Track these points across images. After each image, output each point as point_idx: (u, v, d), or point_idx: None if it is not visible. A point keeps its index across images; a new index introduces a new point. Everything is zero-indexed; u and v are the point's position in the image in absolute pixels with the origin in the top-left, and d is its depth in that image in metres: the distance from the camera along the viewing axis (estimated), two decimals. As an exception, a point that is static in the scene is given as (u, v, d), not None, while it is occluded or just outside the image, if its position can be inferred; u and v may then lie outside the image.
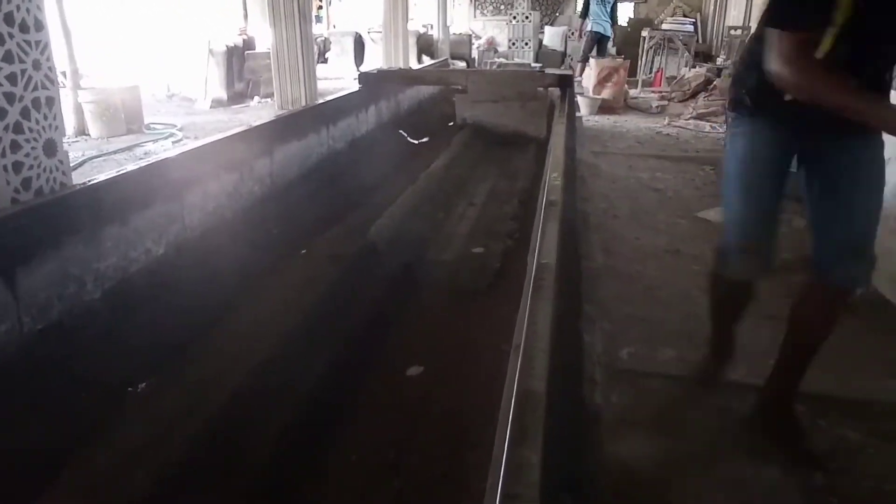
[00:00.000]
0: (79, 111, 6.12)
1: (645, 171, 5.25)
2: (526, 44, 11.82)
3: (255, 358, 1.61)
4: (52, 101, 2.21)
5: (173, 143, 5.81)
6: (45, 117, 2.20)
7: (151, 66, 9.03)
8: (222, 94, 8.44)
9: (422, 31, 10.70)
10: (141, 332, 1.72)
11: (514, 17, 11.88)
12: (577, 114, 3.97)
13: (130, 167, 2.03)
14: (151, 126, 6.51)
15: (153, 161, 2.12)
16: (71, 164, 5.02)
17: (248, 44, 8.86)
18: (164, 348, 1.65)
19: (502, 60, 10.80)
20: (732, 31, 10.75)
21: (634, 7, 13.33)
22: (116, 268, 1.85)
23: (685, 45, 11.03)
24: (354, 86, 4.62)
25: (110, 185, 1.94)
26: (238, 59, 8.73)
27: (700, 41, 11.80)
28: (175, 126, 6.55)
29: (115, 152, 5.40)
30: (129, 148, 5.56)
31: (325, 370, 1.60)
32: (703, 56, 11.27)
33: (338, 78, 9.18)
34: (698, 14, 12.62)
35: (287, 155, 2.83)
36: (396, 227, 2.29)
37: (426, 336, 1.76)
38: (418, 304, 1.95)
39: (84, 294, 1.77)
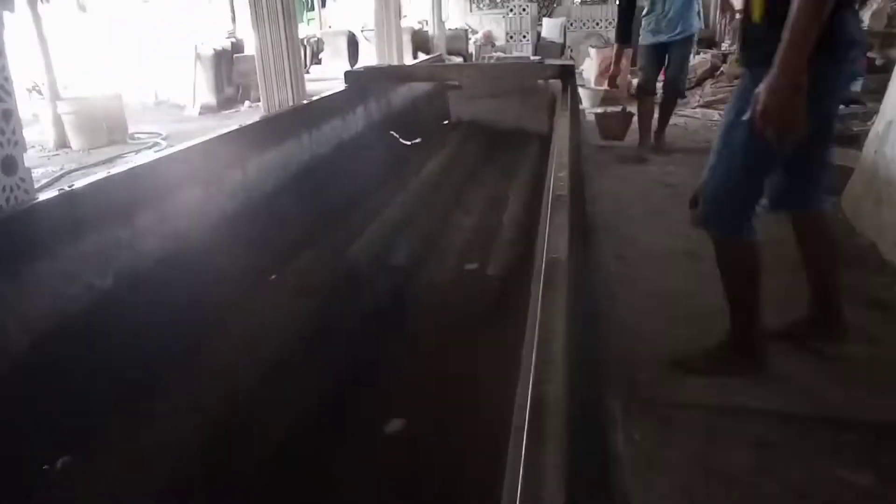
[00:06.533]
0: (58, 123, 5.86)
1: (655, 164, 4.94)
2: (524, 36, 11.51)
3: (210, 420, 1.34)
4: (9, 115, 2.04)
5: (156, 153, 5.54)
6: (3, 132, 2.02)
7: (139, 74, 8.78)
8: (211, 99, 8.18)
9: (417, 27, 10.39)
10: (72, 389, 1.44)
11: (511, 10, 11.57)
12: (581, 106, 3.66)
13: (68, 187, 1.74)
14: (136, 136, 6.25)
15: (96, 178, 1.84)
16: (48, 180, 4.77)
17: (237, 47, 8.59)
18: (97, 414, 1.38)
19: (500, 54, 10.49)
20: (738, 15, 10.37)
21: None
22: (49, 309, 1.57)
23: (688, 31, 10.66)
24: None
25: (40, 209, 1.64)
26: (227, 63, 8.47)
27: (703, 27, 11.41)
28: (160, 135, 6.29)
29: (94, 165, 5.14)
30: (111, 160, 5.30)
31: (289, 432, 1.31)
32: (707, 42, 10.89)
33: (332, 79, 8.88)
34: (700, -1, 12.22)
35: (263, 165, 2.54)
36: (382, 245, 2.00)
37: (413, 385, 1.46)
38: (409, 340, 1.64)
39: (10, 344, 1.48)
